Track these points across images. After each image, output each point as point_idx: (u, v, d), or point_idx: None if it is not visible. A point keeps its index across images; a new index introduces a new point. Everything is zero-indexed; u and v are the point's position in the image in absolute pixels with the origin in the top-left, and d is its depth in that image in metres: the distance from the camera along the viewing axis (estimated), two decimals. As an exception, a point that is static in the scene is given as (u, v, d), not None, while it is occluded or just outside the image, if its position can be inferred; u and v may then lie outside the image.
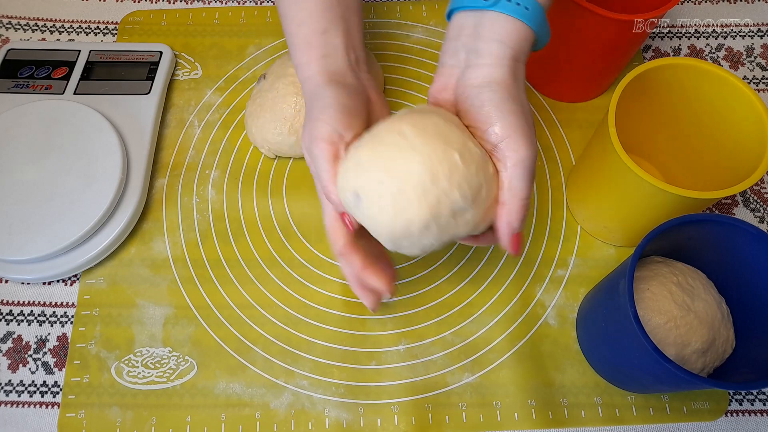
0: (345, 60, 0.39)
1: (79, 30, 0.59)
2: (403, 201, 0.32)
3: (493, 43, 0.34)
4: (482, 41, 0.35)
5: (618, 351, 0.40)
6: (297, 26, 0.39)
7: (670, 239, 0.41)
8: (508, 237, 0.34)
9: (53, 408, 0.45)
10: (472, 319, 0.47)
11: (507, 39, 0.34)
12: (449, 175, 0.32)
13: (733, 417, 0.45)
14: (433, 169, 0.31)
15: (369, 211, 0.33)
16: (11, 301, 0.48)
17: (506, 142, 0.33)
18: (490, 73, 0.34)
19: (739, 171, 0.40)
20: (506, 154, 0.33)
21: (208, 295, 0.48)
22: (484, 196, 0.33)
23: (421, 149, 0.32)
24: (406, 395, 0.45)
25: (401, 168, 0.32)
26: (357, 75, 0.39)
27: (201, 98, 0.56)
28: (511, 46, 0.34)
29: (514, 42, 0.34)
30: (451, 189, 0.32)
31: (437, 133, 0.33)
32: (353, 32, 0.40)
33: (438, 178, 0.32)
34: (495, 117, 0.33)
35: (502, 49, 0.34)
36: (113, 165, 0.48)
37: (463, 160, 0.32)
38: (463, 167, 0.32)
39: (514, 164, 0.33)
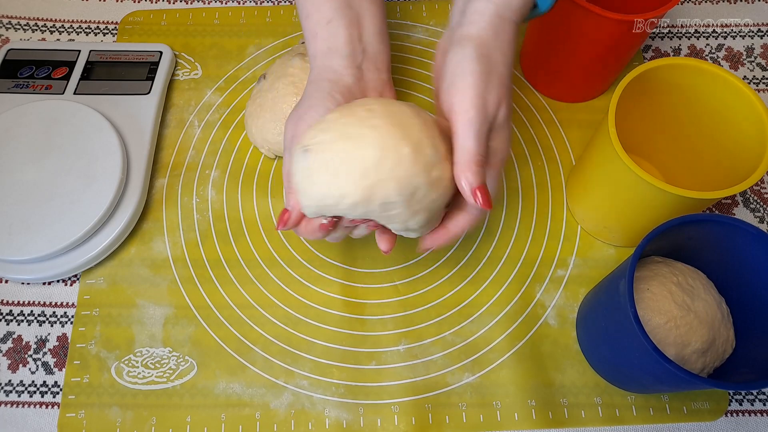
0: (346, 55, 0.38)
1: (79, 30, 0.59)
2: (343, 173, 0.32)
3: (480, 2, 0.35)
4: (471, 2, 0.35)
5: (618, 351, 0.40)
6: (305, 18, 0.40)
7: (670, 239, 0.41)
8: (469, 193, 0.34)
9: (53, 408, 0.45)
10: (472, 319, 0.47)
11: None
12: (392, 167, 0.32)
13: (733, 417, 0.45)
14: (381, 154, 0.32)
15: (310, 167, 0.33)
16: (11, 301, 0.48)
17: (458, 102, 0.34)
18: (468, 30, 0.35)
19: (739, 171, 0.40)
20: (458, 114, 0.34)
21: (208, 295, 0.48)
22: (420, 198, 0.34)
23: (379, 131, 0.33)
24: (406, 395, 0.45)
25: (355, 142, 0.33)
26: (357, 73, 0.39)
27: (201, 98, 0.56)
28: (497, 2, 0.35)
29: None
30: (389, 181, 0.32)
31: (401, 123, 0.33)
32: (365, 21, 0.39)
33: (382, 165, 0.32)
34: (455, 75, 0.34)
35: (486, 6, 0.35)
36: (113, 165, 0.48)
37: (412, 157, 0.32)
38: (408, 164, 0.32)
39: (462, 123, 0.34)
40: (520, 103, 0.55)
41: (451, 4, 0.38)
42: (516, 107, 0.55)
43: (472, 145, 0.34)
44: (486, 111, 0.34)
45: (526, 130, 0.54)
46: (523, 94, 0.56)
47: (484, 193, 0.34)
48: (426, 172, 0.33)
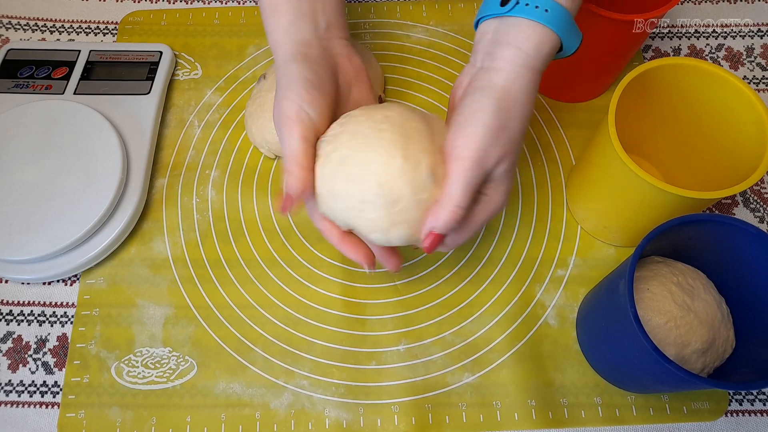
0: (311, 27, 0.38)
1: (79, 30, 0.59)
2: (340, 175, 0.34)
3: (508, 48, 0.34)
4: (499, 45, 0.35)
5: (618, 351, 0.40)
6: (265, 11, 0.39)
7: (670, 239, 0.41)
8: (425, 232, 0.34)
9: (53, 408, 0.45)
10: (472, 319, 0.47)
11: (524, 43, 0.34)
12: (377, 170, 0.33)
13: (733, 417, 0.45)
14: (373, 157, 0.34)
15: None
16: (11, 301, 0.48)
17: (461, 147, 0.33)
18: (493, 78, 0.34)
19: (739, 171, 0.40)
20: (456, 159, 0.34)
21: (208, 295, 0.48)
22: (402, 209, 0.34)
23: (383, 139, 0.34)
24: (406, 395, 0.45)
25: (357, 146, 0.34)
26: (324, 43, 0.39)
27: (201, 98, 0.56)
28: (528, 52, 0.34)
29: (532, 47, 0.34)
30: (370, 179, 0.33)
31: (408, 135, 0.34)
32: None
33: (368, 166, 0.34)
34: (467, 121, 0.34)
35: (516, 54, 0.34)
36: (113, 165, 0.48)
37: (401, 167, 0.33)
38: (396, 170, 0.33)
39: (456, 169, 0.33)
40: (520, 103, 0.55)
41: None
42: (516, 107, 0.55)
43: (456, 194, 0.33)
44: (484, 165, 0.34)
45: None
46: (523, 94, 0.56)
47: (434, 241, 0.35)
48: (413, 187, 0.33)
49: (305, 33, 0.38)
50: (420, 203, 0.34)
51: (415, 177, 0.33)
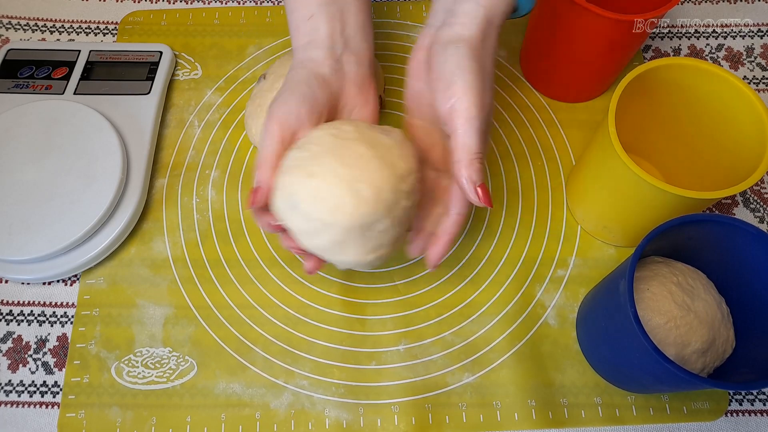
0: (326, 47, 0.39)
1: (79, 30, 0.59)
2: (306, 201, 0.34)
3: (467, 3, 0.36)
4: (458, 2, 0.36)
5: (618, 351, 0.40)
6: (290, 12, 0.41)
7: (670, 239, 0.41)
8: (473, 191, 0.35)
9: (53, 408, 0.45)
10: (472, 319, 0.47)
11: (482, 0, 0.35)
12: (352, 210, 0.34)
13: (733, 417, 0.45)
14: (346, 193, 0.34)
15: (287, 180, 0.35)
16: (11, 301, 0.48)
17: (459, 100, 0.34)
18: (460, 31, 0.36)
19: (739, 171, 0.40)
20: (458, 112, 0.34)
21: (208, 295, 0.48)
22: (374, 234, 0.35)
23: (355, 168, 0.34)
24: (406, 395, 0.45)
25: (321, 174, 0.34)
26: (336, 65, 0.40)
27: (201, 98, 0.56)
28: (485, 6, 0.35)
29: (489, 2, 0.35)
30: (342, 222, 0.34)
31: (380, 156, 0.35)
32: (348, 16, 0.40)
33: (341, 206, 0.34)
34: (454, 74, 0.35)
35: (475, 8, 0.35)
36: (113, 165, 0.48)
37: (371, 200, 0.34)
38: (367, 205, 0.34)
39: (463, 122, 0.34)
40: (520, 103, 0.55)
41: (431, 2, 0.39)
42: (516, 107, 0.55)
43: (474, 144, 0.34)
44: (485, 110, 0.35)
45: (526, 130, 0.54)
46: (523, 94, 0.56)
47: (485, 191, 0.35)
48: (384, 210, 0.35)
49: (318, 54, 0.39)
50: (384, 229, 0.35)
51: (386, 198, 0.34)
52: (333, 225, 0.34)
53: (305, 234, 0.35)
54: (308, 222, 0.34)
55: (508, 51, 0.58)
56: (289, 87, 0.38)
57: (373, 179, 0.34)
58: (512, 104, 0.55)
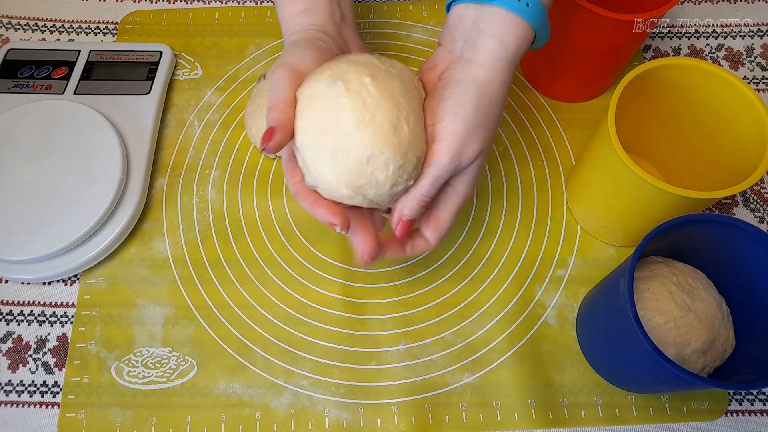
0: (327, 14, 0.39)
1: (79, 30, 0.59)
2: (342, 153, 0.32)
3: (491, 40, 0.34)
4: (481, 35, 0.35)
5: (618, 351, 0.40)
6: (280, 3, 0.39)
7: (670, 239, 0.41)
8: (396, 219, 0.36)
9: (53, 408, 0.45)
10: (472, 319, 0.47)
11: (505, 37, 0.34)
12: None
13: (733, 417, 0.45)
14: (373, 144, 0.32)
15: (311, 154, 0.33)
16: (11, 301, 0.48)
17: (439, 143, 0.34)
18: (476, 73, 0.34)
19: (739, 171, 0.40)
20: (434, 152, 0.34)
21: (208, 295, 0.48)
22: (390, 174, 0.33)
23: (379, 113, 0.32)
24: (406, 395, 0.45)
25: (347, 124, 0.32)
26: (339, 29, 0.39)
27: (201, 98, 0.56)
28: (508, 47, 0.34)
29: (512, 41, 0.34)
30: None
31: (393, 97, 0.33)
32: None
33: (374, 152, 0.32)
34: (447, 116, 0.34)
35: (498, 48, 0.34)
36: (113, 165, 0.48)
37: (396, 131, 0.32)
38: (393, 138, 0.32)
39: (430, 164, 0.34)
40: (520, 103, 0.56)
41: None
42: (516, 107, 0.55)
43: (425, 188, 0.35)
44: (459, 162, 0.35)
45: (526, 130, 0.54)
46: (523, 94, 0.56)
47: (405, 228, 0.36)
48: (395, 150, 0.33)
49: (321, 18, 0.39)
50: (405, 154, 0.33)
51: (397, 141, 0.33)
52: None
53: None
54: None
55: (508, 51, 0.58)
56: (298, 42, 0.37)
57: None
58: (512, 104, 0.55)
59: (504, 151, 0.53)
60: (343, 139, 0.32)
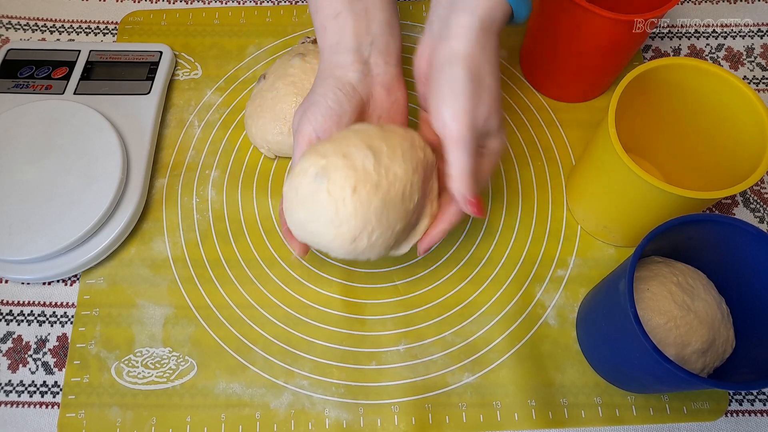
0: (353, 50, 0.39)
1: (79, 30, 0.59)
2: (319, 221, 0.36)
3: (461, 14, 0.35)
4: (453, 12, 0.36)
5: (618, 351, 0.40)
6: (315, 12, 0.40)
7: (670, 239, 0.41)
8: (465, 204, 0.37)
9: (53, 408, 0.45)
10: (472, 319, 0.47)
11: (476, 9, 0.35)
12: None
13: (733, 417, 0.45)
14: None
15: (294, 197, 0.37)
16: (11, 301, 0.48)
17: (450, 120, 0.35)
18: (455, 46, 0.35)
19: (739, 171, 0.40)
20: (450, 131, 0.35)
21: (208, 295, 0.48)
22: None
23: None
24: (406, 395, 0.45)
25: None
26: (364, 68, 0.40)
27: (201, 98, 0.56)
28: (480, 16, 0.35)
29: (484, 12, 0.35)
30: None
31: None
32: (373, 13, 0.40)
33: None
34: (446, 96, 0.35)
35: (469, 19, 0.35)
36: (113, 165, 0.48)
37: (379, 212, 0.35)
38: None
39: (454, 142, 0.36)
40: (520, 103, 0.56)
41: (426, 6, 0.39)
42: (516, 107, 0.55)
43: (464, 162, 0.36)
44: (476, 127, 0.36)
45: (526, 130, 0.54)
46: (523, 94, 0.56)
47: (476, 204, 0.37)
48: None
49: (343, 57, 0.39)
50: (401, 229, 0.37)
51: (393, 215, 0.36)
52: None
53: None
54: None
55: (508, 51, 0.58)
56: (316, 99, 0.39)
57: None
58: (512, 104, 0.55)
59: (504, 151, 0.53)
60: (318, 235, 0.36)
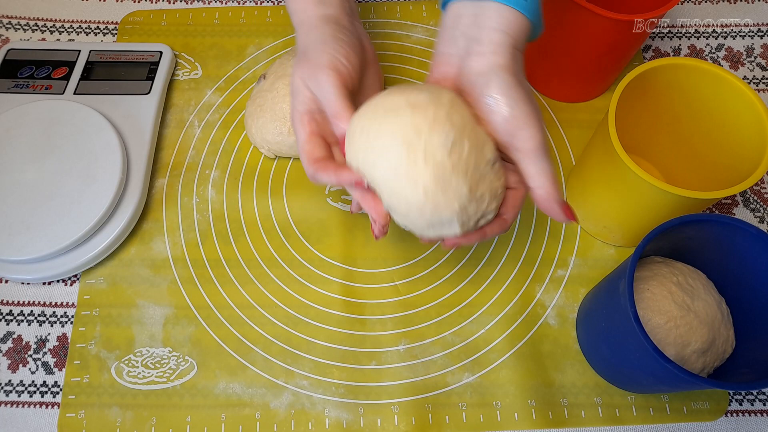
0: (340, 5, 0.40)
1: (79, 30, 0.59)
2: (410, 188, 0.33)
3: (494, 32, 0.35)
4: (483, 30, 0.35)
5: (618, 351, 0.40)
6: None
7: (670, 239, 0.41)
8: (560, 211, 0.36)
9: (53, 408, 0.45)
10: (472, 319, 0.47)
11: (507, 28, 0.35)
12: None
13: (733, 417, 0.45)
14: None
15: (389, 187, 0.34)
16: (11, 301, 0.48)
17: (522, 131, 0.34)
18: (495, 60, 0.35)
19: (739, 171, 0.40)
20: (524, 142, 0.34)
21: (208, 295, 0.48)
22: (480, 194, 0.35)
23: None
24: (406, 395, 0.45)
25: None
26: (352, 21, 0.40)
27: (201, 98, 0.56)
28: (511, 35, 0.35)
29: (514, 31, 0.35)
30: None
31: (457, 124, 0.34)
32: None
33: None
34: (506, 104, 0.34)
35: (503, 37, 0.35)
36: (113, 165, 0.48)
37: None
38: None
39: (534, 150, 0.34)
40: (520, 103, 0.55)
41: (441, 27, 0.38)
42: (516, 107, 0.55)
43: (548, 167, 0.35)
44: (546, 135, 0.35)
45: (526, 130, 0.54)
46: (523, 94, 0.56)
47: (568, 208, 0.36)
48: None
49: (335, 9, 0.40)
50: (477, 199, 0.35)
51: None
52: None
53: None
54: None
55: (508, 51, 0.58)
56: (319, 40, 0.38)
57: None
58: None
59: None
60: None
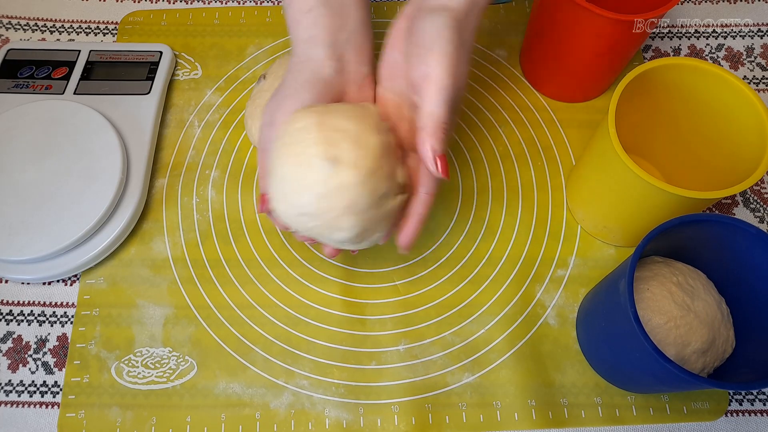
0: (327, 45, 0.38)
1: (79, 30, 0.59)
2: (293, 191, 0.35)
3: None
4: None
5: (618, 351, 0.41)
6: (288, 6, 0.39)
7: (670, 239, 0.41)
8: (432, 160, 0.35)
9: (53, 408, 0.45)
10: (472, 319, 0.47)
11: None
12: (344, 194, 0.34)
13: (733, 417, 0.45)
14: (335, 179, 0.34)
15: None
16: (11, 301, 0.48)
17: (434, 68, 0.34)
18: (445, 1, 0.35)
19: (739, 171, 0.40)
20: (431, 78, 0.34)
21: (208, 295, 0.48)
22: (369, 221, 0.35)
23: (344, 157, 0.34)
24: (406, 395, 0.45)
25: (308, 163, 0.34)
26: (338, 65, 0.39)
27: (201, 98, 0.56)
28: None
29: None
30: (340, 208, 0.35)
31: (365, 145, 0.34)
32: (348, 11, 0.39)
33: (333, 190, 0.34)
34: (433, 41, 0.34)
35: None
36: (113, 165, 0.48)
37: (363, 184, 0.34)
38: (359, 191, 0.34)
39: (434, 89, 0.34)
40: (520, 103, 0.55)
41: (402, 6, 0.38)
42: (516, 107, 0.55)
43: (441, 113, 0.34)
44: (458, 81, 0.34)
45: (526, 130, 0.54)
46: (523, 94, 0.56)
47: (444, 162, 0.35)
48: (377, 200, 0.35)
49: (317, 52, 0.38)
50: (384, 214, 0.36)
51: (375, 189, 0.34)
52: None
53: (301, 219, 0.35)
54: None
55: (508, 51, 0.58)
56: (290, 91, 0.37)
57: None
58: (512, 104, 0.55)
59: (504, 151, 0.53)
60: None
